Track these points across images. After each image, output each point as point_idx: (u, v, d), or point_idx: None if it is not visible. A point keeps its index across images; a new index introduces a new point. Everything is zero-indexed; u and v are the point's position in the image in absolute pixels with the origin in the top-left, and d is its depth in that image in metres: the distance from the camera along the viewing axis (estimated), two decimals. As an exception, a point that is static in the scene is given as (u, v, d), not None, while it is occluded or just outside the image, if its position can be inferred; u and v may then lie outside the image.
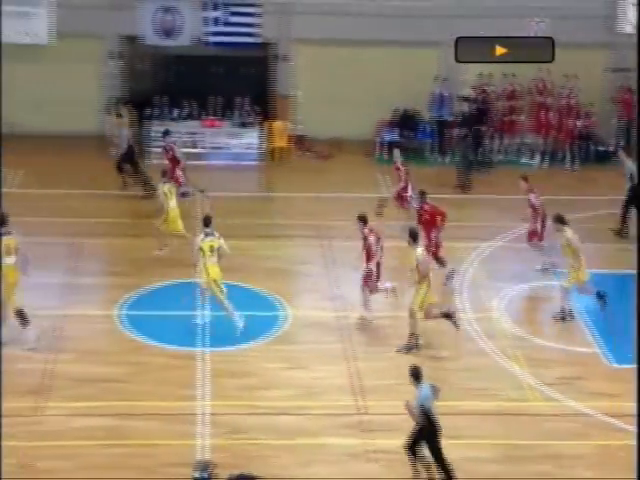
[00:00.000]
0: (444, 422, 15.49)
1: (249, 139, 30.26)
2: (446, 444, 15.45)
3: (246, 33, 29.78)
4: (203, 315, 20.19)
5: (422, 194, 22.25)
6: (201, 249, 19.81)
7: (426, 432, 15.46)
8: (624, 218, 24.78)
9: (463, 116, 30.06)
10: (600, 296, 20.60)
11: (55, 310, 20.65)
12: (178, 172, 24.85)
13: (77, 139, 29.53)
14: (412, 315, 19.48)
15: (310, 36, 30.27)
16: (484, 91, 30.37)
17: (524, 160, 30.57)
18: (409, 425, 15.52)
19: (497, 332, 20.34)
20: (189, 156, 27.03)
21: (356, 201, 24.86)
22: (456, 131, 30.13)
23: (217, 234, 20.07)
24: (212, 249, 19.81)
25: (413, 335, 19.53)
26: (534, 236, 22.83)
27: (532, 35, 27.34)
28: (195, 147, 29.86)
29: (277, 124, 30.51)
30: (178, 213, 22.94)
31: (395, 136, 30.58)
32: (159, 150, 27.07)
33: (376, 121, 30.77)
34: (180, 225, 22.85)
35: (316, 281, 22.38)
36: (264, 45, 30.63)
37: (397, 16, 29.95)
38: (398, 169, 24.70)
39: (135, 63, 31.42)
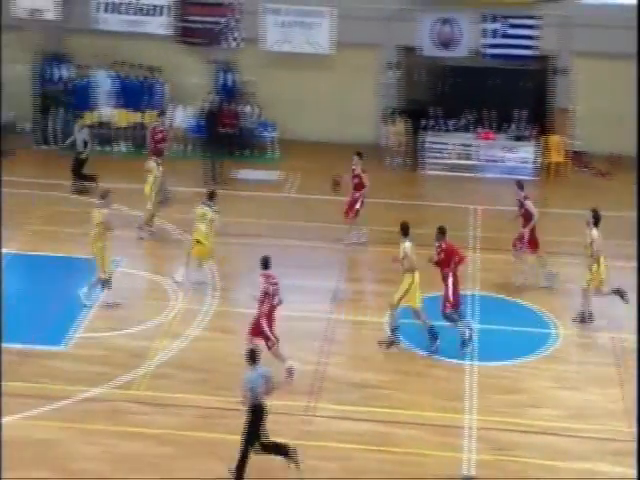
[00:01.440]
0: None
1: (524, 153, 29.78)
2: None
3: (524, 45, 29.40)
4: (470, 328, 19.97)
5: (441, 232, 19.99)
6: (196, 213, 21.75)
7: (253, 416, 15.66)
8: None
9: None
10: (619, 293, 20.62)
11: (327, 314, 21.04)
12: None
13: (352, 147, 29.86)
14: (391, 307, 19.62)
15: (590, 49, 29.48)
16: None
17: None
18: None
19: None
20: (464, 168, 26.82)
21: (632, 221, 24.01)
22: None
23: (215, 208, 21.67)
24: (204, 216, 21.58)
25: (394, 330, 19.71)
26: (519, 242, 22.05)
27: None
28: (469, 159, 29.69)
29: (554, 138, 29.89)
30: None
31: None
32: (434, 161, 27.05)
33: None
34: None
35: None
36: (542, 58, 30.12)
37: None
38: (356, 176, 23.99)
39: (412, 74, 31.57)
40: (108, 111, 29.72)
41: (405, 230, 19.74)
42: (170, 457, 16.69)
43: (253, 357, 15.95)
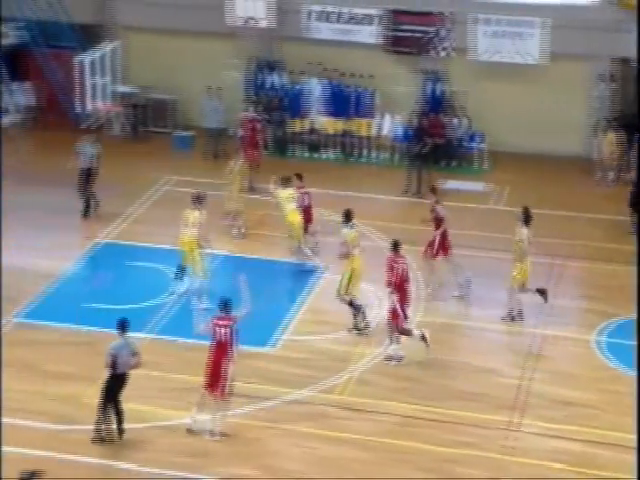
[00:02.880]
0: None
1: None
2: None
3: None
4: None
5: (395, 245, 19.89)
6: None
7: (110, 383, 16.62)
8: None
9: None
10: (541, 292, 20.82)
11: (532, 328, 20.75)
12: None
13: (561, 160, 29.42)
14: (340, 298, 20.43)
15: None
16: None
17: None
18: None
19: None
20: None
21: None
22: None
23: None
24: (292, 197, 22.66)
25: (358, 314, 20.37)
26: (430, 248, 21.97)
27: None
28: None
29: None
30: None
31: None
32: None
33: None
34: None
35: None
36: None
37: None
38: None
39: (625, 86, 30.71)
40: (318, 118, 30.09)
41: (347, 216, 20.83)
42: (368, 463, 16.78)
43: (123, 326, 16.75)
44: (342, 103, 29.96)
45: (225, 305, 17.09)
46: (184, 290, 21.57)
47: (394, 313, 19.41)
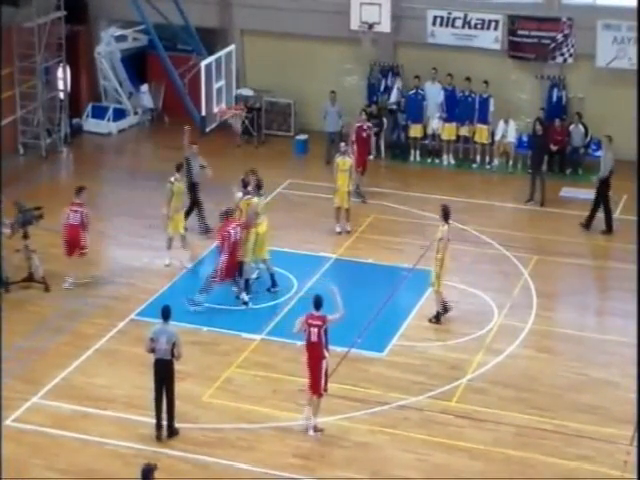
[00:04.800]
0: None
1: None
2: None
3: None
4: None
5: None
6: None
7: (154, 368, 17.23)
8: None
9: None
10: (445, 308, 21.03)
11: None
12: None
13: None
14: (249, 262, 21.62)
15: None
16: None
17: None
18: None
19: None
20: None
21: None
22: None
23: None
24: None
25: (247, 281, 21.56)
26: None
27: None
28: None
29: None
30: None
31: None
32: None
33: None
34: None
35: None
36: None
37: None
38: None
39: None
40: (436, 123, 29.96)
41: (259, 186, 22.10)
42: (479, 472, 16.69)
43: (165, 314, 17.25)
44: (460, 109, 29.76)
45: (317, 303, 17.25)
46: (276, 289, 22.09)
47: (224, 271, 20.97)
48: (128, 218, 24.21)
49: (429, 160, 30.07)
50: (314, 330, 17.23)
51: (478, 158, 29.77)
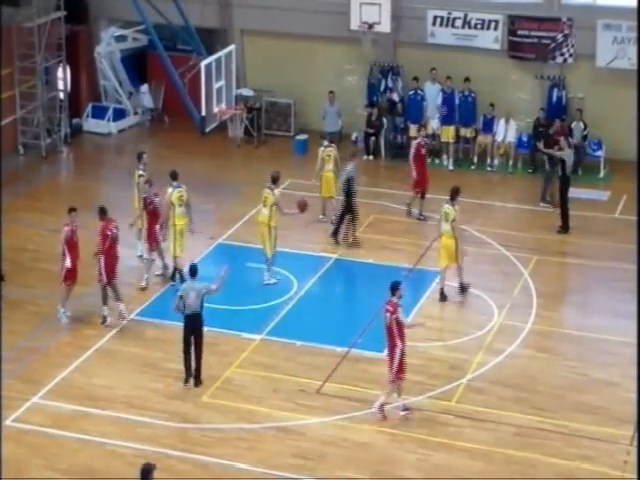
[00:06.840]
0: None
1: None
2: None
3: None
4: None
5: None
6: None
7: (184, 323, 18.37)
8: None
9: None
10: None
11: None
12: None
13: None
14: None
15: None
16: None
17: None
18: None
19: None
20: None
21: None
22: None
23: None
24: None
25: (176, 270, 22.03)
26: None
27: None
28: None
29: None
30: None
31: None
32: None
33: None
34: None
35: None
36: None
37: None
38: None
39: None
40: (436, 124, 29.95)
41: (173, 177, 22.37)
42: (479, 472, 16.69)
43: (192, 271, 18.39)
44: (459, 109, 29.74)
45: (392, 288, 17.97)
46: (273, 282, 22.42)
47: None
48: (128, 218, 24.04)
49: (429, 160, 30.04)
50: (388, 315, 17.85)
51: (482, 158, 29.68)
